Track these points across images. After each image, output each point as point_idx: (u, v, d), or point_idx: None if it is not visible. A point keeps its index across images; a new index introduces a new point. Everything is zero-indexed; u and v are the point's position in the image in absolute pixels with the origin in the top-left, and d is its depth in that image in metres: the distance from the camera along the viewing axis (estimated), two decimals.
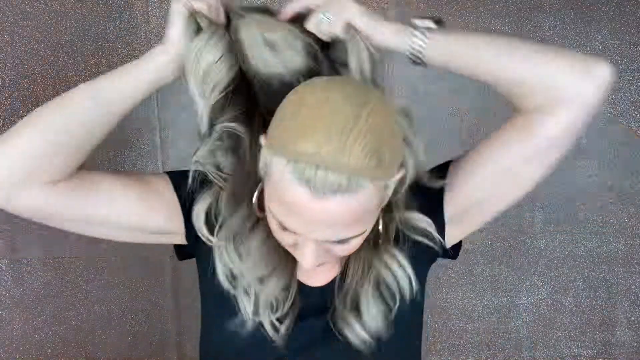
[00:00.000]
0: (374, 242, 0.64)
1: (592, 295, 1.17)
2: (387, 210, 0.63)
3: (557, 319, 1.20)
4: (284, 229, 0.55)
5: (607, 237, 1.14)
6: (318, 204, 0.50)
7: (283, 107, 0.54)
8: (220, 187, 0.64)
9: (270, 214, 0.56)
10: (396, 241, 0.65)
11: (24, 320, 1.17)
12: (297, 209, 0.51)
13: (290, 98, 0.55)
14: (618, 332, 1.16)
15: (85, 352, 1.26)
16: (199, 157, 0.64)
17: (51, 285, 1.21)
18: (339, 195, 0.50)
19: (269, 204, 0.55)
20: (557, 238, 1.17)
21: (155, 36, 1.31)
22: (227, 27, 0.62)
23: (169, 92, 1.33)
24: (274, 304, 0.64)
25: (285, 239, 0.58)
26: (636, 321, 1.14)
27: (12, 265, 1.15)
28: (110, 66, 1.36)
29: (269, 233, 0.61)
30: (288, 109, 0.54)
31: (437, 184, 0.66)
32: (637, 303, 1.14)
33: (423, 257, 0.69)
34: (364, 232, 0.56)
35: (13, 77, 1.12)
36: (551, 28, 1.12)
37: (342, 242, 0.55)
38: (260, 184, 0.61)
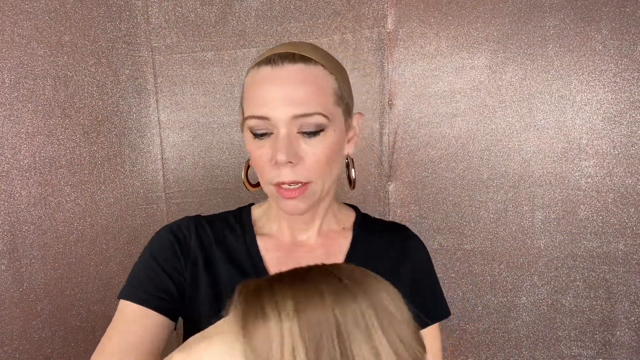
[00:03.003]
0: None
1: (592, 295, 1.16)
2: None
3: (557, 319, 1.20)
4: (258, 135, 0.65)
5: (607, 237, 1.14)
6: (280, 71, 0.63)
7: None
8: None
9: (247, 131, 0.67)
10: None
11: (24, 320, 1.17)
12: (263, 88, 0.63)
13: None
14: (618, 332, 1.16)
15: (85, 352, 1.26)
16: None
17: (51, 285, 1.21)
18: (296, 65, 0.63)
19: (245, 119, 0.66)
20: (557, 238, 1.17)
21: (155, 36, 1.32)
22: None
23: (169, 92, 1.33)
24: None
25: (263, 154, 0.66)
26: (636, 321, 1.14)
27: (12, 265, 1.15)
28: (110, 66, 1.37)
29: None
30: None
31: None
32: (637, 303, 1.14)
33: None
34: (326, 123, 0.65)
35: (13, 77, 1.12)
36: (551, 28, 1.12)
37: (308, 134, 0.64)
38: (246, 162, 0.75)
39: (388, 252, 0.77)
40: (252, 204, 0.82)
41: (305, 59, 0.64)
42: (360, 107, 1.29)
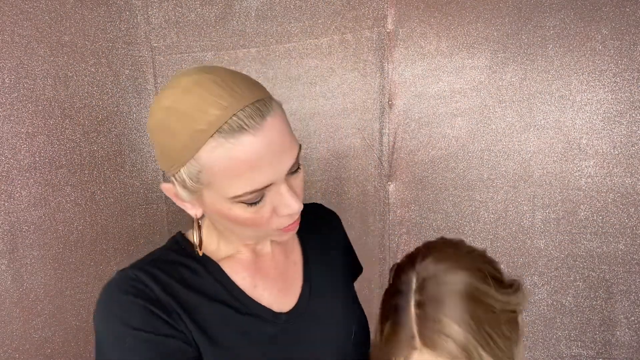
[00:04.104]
0: None
1: (592, 295, 1.16)
2: None
3: (557, 319, 1.20)
4: (255, 202, 0.59)
5: (607, 237, 1.14)
6: (262, 133, 0.56)
7: (165, 125, 0.58)
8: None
9: (239, 206, 0.59)
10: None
11: (24, 320, 1.17)
12: (253, 155, 0.56)
13: (158, 117, 0.58)
14: (618, 332, 1.16)
15: (85, 352, 1.26)
16: None
17: (51, 285, 1.21)
18: (267, 117, 0.57)
19: (231, 197, 0.58)
20: (557, 238, 1.17)
21: (155, 36, 1.31)
22: None
23: None
24: None
25: (264, 215, 0.61)
26: (636, 321, 1.14)
27: (12, 265, 1.15)
28: (110, 66, 1.37)
29: None
30: (172, 120, 0.57)
31: None
32: (637, 303, 1.14)
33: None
34: (298, 154, 0.62)
35: (13, 77, 1.12)
36: (551, 28, 1.12)
37: (295, 172, 0.61)
38: (195, 223, 0.67)
39: (323, 229, 0.85)
40: (181, 233, 0.74)
41: (263, 104, 0.57)
42: (360, 107, 1.29)
